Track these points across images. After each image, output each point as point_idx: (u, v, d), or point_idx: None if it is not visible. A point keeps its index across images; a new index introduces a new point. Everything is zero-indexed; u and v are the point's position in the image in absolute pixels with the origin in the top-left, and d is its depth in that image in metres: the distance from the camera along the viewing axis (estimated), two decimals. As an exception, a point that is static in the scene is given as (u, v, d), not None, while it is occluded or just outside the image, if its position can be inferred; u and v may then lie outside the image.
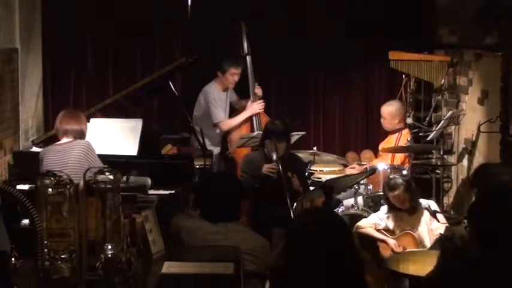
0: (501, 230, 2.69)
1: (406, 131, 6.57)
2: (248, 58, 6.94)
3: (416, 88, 7.13)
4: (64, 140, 5.28)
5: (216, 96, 6.83)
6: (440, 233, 5.10)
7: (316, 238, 2.46)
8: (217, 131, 6.89)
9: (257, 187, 5.51)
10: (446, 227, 5.11)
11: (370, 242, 5.30)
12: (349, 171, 6.46)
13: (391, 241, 5.18)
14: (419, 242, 5.15)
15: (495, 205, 2.78)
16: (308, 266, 2.42)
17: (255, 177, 5.55)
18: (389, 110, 6.58)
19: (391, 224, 5.29)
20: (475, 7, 6.36)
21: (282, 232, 5.06)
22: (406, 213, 5.26)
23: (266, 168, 5.50)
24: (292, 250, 2.50)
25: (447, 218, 5.41)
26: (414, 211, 5.24)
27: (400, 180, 5.23)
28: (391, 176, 5.44)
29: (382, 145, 6.61)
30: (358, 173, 6.11)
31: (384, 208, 5.39)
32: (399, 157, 6.43)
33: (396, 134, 6.53)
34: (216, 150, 6.83)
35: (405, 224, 5.24)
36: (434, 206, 5.34)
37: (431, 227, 5.18)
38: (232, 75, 6.78)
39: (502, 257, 2.64)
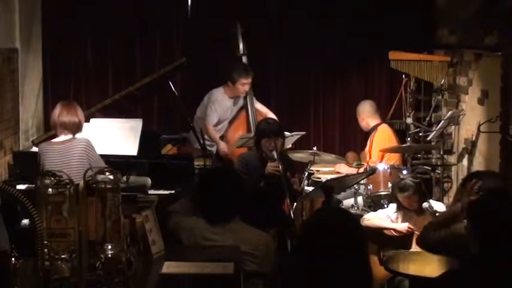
0: (500, 230, 2.69)
1: (381, 127, 6.60)
2: (244, 58, 6.94)
3: (416, 88, 7.13)
4: (62, 136, 5.25)
5: (216, 100, 6.81)
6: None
7: (333, 237, 2.46)
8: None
9: (262, 186, 5.49)
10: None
11: (374, 238, 5.29)
12: (338, 167, 6.51)
13: (402, 226, 5.13)
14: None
15: (493, 205, 2.78)
16: (323, 264, 2.42)
17: (258, 177, 5.53)
18: (357, 110, 6.78)
19: (398, 223, 5.28)
20: (475, 7, 6.36)
21: (276, 232, 5.08)
22: (414, 213, 5.25)
23: (271, 167, 5.48)
24: (308, 249, 2.50)
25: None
26: (423, 212, 5.23)
27: (410, 182, 5.23)
28: (401, 176, 5.43)
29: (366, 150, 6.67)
30: (358, 173, 6.13)
31: (393, 206, 5.38)
32: (391, 157, 6.44)
33: (371, 133, 6.59)
34: (213, 150, 6.83)
35: (413, 224, 5.23)
36: (440, 207, 5.33)
37: None
38: (243, 85, 6.76)
39: (502, 257, 2.64)
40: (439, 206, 5.32)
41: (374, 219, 5.29)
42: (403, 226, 5.12)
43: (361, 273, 2.46)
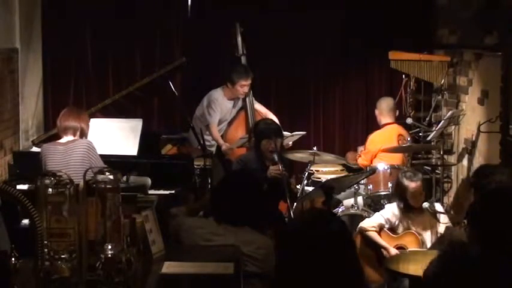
0: (501, 230, 2.69)
1: (388, 126, 6.61)
2: (243, 59, 6.94)
3: (416, 88, 7.13)
4: (64, 138, 5.29)
5: (217, 100, 6.81)
6: (440, 233, 5.11)
7: (313, 240, 2.44)
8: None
9: (265, 189, 5.47)
10: (446, 226, 5.11)
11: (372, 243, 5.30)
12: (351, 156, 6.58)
13: (393, 250, 5.16)
14: (421, 243, 5.15)
15: (494, 205, 2.78)
16: (302, 268, 2.41)
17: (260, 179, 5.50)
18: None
19: (396, 224, 5.27)
20: (475, 7, 6.36)
21: (274, 232, 5.07)
22: (412, 213, 5.24)
23: (273, 171, 5.48)
24: (287, 251, 2.48)
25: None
26: (421, 212, 5.22)
27: (417, 172, 5.26)
28: (405, 170, 5.46)
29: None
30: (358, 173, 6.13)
31: (389, 207, 5.37)
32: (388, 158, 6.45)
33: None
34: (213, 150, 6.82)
35: (412, 225, 5.23)
36: (438, 207, 5.33)
37: (436, 229, 5.17)
38: (242, 86, 6.75)
39: (502, 257, 2.64)
40: (438, 207, 5.32)
41: (370, 231, 5.28)
42: (393, 252, 5.13)
43: (347, 272, 2.44)
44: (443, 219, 5.20)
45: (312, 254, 2.42)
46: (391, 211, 5.31)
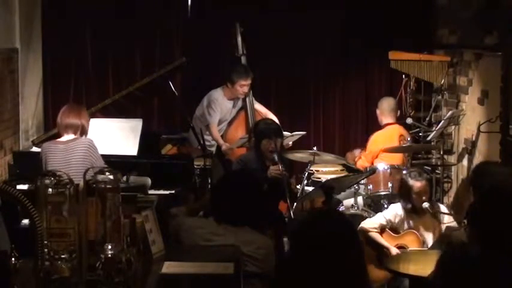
0: (501, 230, 2.69)
1: (389, 127, 6.60)
2: (243, 59, 6.94)
3: (416, 88, 7.13)
4: (65, 136, 5.29)
5: (217, 100, 6.80)
6: (441, 233, 5.11)
7: (313, 240, 2.45)
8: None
9: (266, 189, 5.47)
10: (446, 226, 5.11)
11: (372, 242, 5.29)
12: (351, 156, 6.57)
13: (394, 250, 5.14)
14: (422, 242, 5.14)
15: (494, 204, 2.78)
16: (302, 268, 2.41)
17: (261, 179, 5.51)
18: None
19: (398, 224, 5.26)
20: (475, 7, 6.36)
21: (273, 232, 5.07)
22: (416, 214, 5.23)
23: (273, 170, 5.48)
24: (297, 250, 2.49)
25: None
26: (424, 212, 5.21)
27: (422, 171, 5.25)
28: (410, 169, 5.45)
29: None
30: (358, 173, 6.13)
31: (393, 207, 5.35)
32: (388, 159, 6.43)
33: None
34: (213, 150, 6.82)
35: (413, 225, 5.21)
36: (443, 208, 5.32)
37: (439, 229, 5.17)
38: (242, 86, 6.74)
39: (502, 257, 2.64)
40: (442, 208, 5.32)
41: (371, 232, 5.26)
42: (394, 251, 5.10)
43: (348, 272, 2.44)
44: (447, 219, 5.19)
45: (312, 254, 2.42)
46: (394, 212, 5.28)
